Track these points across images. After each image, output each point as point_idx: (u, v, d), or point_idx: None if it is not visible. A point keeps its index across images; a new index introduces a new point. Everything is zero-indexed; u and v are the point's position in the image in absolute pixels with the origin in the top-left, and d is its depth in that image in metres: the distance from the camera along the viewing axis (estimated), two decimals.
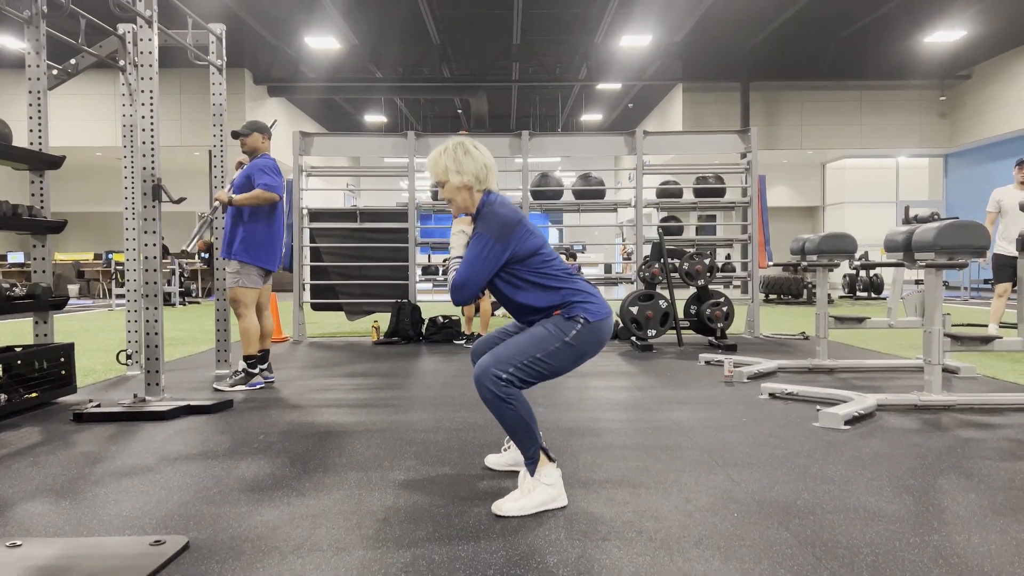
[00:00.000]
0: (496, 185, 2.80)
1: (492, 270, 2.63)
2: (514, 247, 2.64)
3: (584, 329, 2.62)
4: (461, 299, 2.66)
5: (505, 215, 2.65)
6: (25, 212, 4.45)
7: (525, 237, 2.66)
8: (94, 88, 16.63)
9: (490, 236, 2.61)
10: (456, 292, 2.64)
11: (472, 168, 2.71)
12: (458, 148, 2.73)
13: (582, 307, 2.65)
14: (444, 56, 17.75)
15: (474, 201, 2.75)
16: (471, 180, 2.71)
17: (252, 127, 5.23)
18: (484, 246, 2.61)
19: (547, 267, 2.69)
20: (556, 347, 2.59)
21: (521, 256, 2.66)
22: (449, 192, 2.75)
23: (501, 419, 2.55)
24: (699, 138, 9.33)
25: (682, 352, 6.94)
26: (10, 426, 3.95)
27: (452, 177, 2.71)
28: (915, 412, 4.17)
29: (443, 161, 2.73)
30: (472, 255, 2.62)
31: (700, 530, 2.38)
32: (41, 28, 4.61)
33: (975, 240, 4.08)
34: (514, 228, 2.64)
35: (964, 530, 2.37)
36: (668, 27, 15.39)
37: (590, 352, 2.68)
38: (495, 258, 2.61)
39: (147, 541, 2.27)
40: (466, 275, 2.61)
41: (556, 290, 2.67)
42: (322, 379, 5.54)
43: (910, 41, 16.39)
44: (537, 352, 2.57)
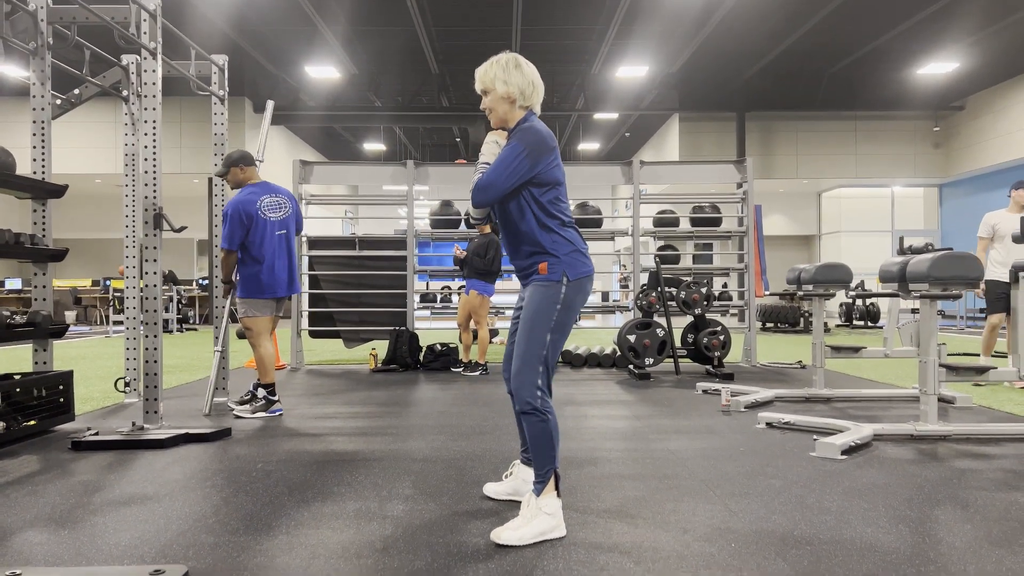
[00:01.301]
0: (539, 106, 2.84)
1: (516, 180, 2.66)
2: (541, 168, 2.69)
3: (568, 287, 2.71)
4: (482, 199, 2.69)
5: (542, 133, 2.71)
6: (27, 240, 4.48)
7: (553, 165, 2.73)
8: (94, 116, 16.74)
9: (524, 148, 2.66)
10: (479, 192, 2.68)
11: (519, 81, 2.75)
12: (510, 61, 2.77)
13: (567, 262, 2.72)
14: (443, 86, 17.93)
15: (514, 116, 2.79)
16: (516, 92, 2.75)
17: (227, 163, 5.19)
18: (517, 155, 2.65)
19: (556, 206, 2.75)
20: (555, 316, 2.69)
21: (542, 181, 2.71)
22: (492, 101, 2.78)
23: (531, 429, 2.64)
24: (696, 168, 9.42)
25: (679, 381, 6.95)
26: (8, 454, 3.94)
27: (498, 86, 2.75)
28: (911, 442, 4.18)
29: (493, 70, 2.77)
30: (502, 159, 2.67)
31: (697, 561, 2.39)
32: (46, 59, 4.68)
33: (968, 271, 4.12)
34: (547, 150, 2.70)
35: (960, 561, 2.38)
36: (664, 58, 15.59)
37: (579, 304, 2.79)
38: (523, 170, 2.66)
39: (147, 571, 2.27)
40: (492, 178, 2.66)
41: (551, 232, 2.73)
42: (320, 407, 5.55)
43: (904, 73, 16.60)
44: (545, 331, 2.67)
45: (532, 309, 2.72)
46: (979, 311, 16.62)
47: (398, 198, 9.19)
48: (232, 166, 5.17)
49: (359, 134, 23.70)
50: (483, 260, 7.34)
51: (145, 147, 4.54)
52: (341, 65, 15.73)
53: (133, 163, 5.67)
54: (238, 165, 5.18)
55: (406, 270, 8.52)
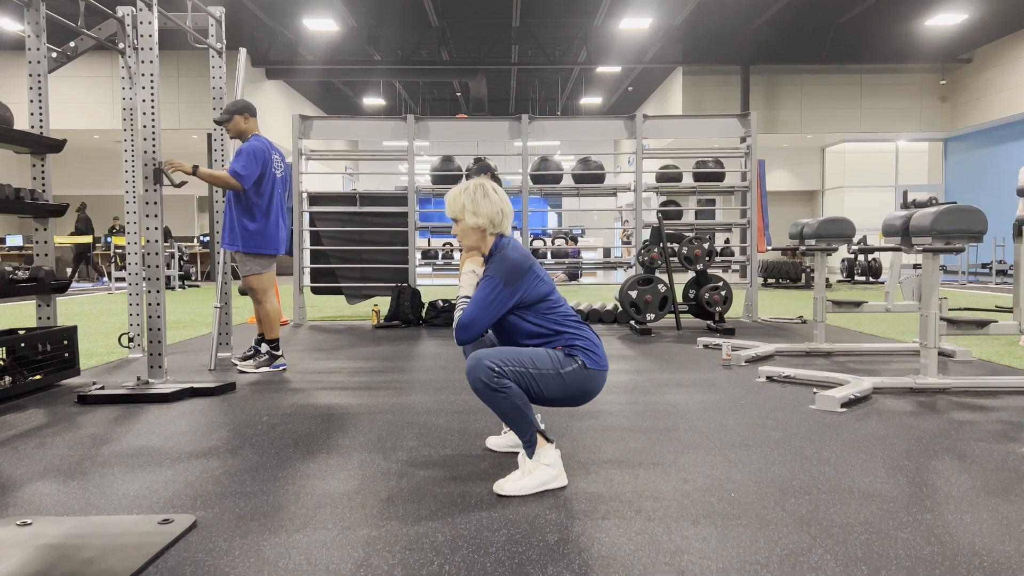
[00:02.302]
0: (510, 230, 2.82)
1: (499, 312, 2.66)
2: (523, 292, 2.67)
3: (579, 371, 2.66)
4: (465, 338, 2.68)
5: (516, 260, 2.68)
6: (27, 195, 4.46)
7: (534, 283, 2.70)
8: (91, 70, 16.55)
9: (500, 279, 2.64)
10: (461, 331, 2.66)
11: (488, 211, 2.73)
12: (478, 190, 2.75)
13: (583, 352, 2.69)
14: (443, 39, 17.68)
15: (487, 243, 2.78)
16: (485, 223, 2.74)
17: (230, 110, 5.11)
18: (493, 289, 2.64)
19: (554, 313, 2.73)
20: (548, 372, 2.62)
21: (528, 302, 2.70)
22: (462, 231, 2.77)
23: (494, 407, 2.59)
24: (699, 122, 9.33)
25: (680, 336, 6.98)
26: (15, 408, 3.99)
27: (468, 217, 2.74)
28: (911, 395, 4.22)
29: (461, 199, 2.75)
30: (480, 296, 2.65)
31: (697, 509, 2.43)
32: (41, 11, 4.62)
33: (972, 225, 4.11)
34: (524, 273, 2.68)
35: (957, 510, 2.42)
36: (668, 10, 15.33)
37: (577, 396, 2.71)
38: (503, 301, 2.65)
39: (155, 520, 2.31)
40: (473, 315, 2.64)
41: (560, 335, 2.71)
42: (323, 362, 5.58)
43: (911, 24, 16.34)
44: (530, 367, 2.60)
45: (536, 349, 2.66)
46: (981, 266, 16.62)
47: (398, 153, 9.13)
48: (236, 114, 5.09)
49: (358, 88, 23.45)
50: None
51: (143, 101, 4.50)
52: (340, 18, 15.50)
53: (131, 118, 5.62)
54: (242, 114, 5.11)
55: (407, 226, 8.50)
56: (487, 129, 9.50)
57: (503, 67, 19.23)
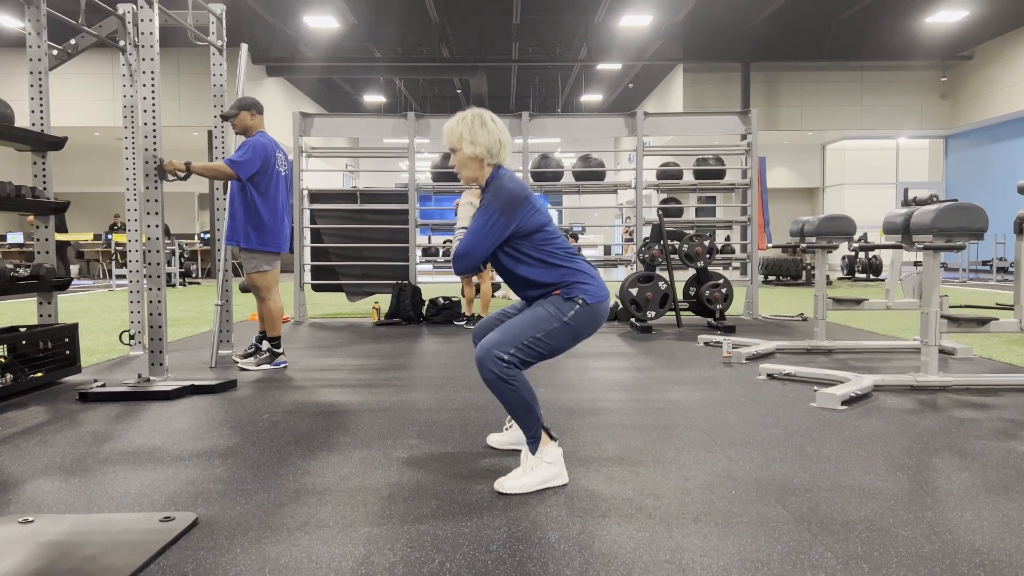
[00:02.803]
0: (507, 161, 2.83)
1: (495, 243, 2.66)
2: (519, 222, 2.66)
3: (582, 310, 2.66)
4: (462, 268, 2.70)
5: (512, 190, 2.68)
6: (28, 193, 4.47)
7: (530, 214, 2.69)
8: (92, 67, 16.53)
9: (496, 209, 2.64)
10: (458, 261, 2.69)
11: (486, 141, 2.73)
12: (476, 119, 2.75)
13: (581, 288, 2.68)
14: (443, 36, 17.66)
15: (484, 174, 2.78)
16: (483, 152, 2.73)
17: (238, 105, 5.13)
18: (489, 218, 2.64)
19: (549, 245, 2.72)
20: (555, 327, 2.62)
21: (525, 232, 2.69)
22: (460, 161, 2.77)
23: (503, 399, 2.59)
24: (700, 119, 9.33)
25: (681, 333, 6.99)
26: (16, 405, 3.99)
27: (465, 147, 2.73)
28: (911, 393, 4.22)
29: (459, 129, 2.75)
30: (476, 226, 2.66)
31: (698, 507, 2.43)
32: (42, 8, 4.61)
33: (973, 223, 4.11)
34: (520, 203, 2.67)
35: (957, 507, 2.42)
36: (669, 7, 15.30)
37: (586, 332, 2.72)
38: (499, 231, 2.64)
39: (157, 517, 2.31)
40: (469, 245, 2.65)
41: (556, 268, 2.70)
42: (324, 359, 5.59)
43: (911, 21, 16.31)
44: (536, 332, 2.60)
45: (535, 311, 2.67)
46: (982, 263, 16.61)
47: (399, 151, 9.13)
48: (243, 109, 5.11)
49: (359, 86, 23.43)
50: None
51: (144, 99, 4.50)
52: (340, 15, 15.47)
53: (132, 115, 5.62)
54: (249, 110, 5.13)
55: (408, 224, 8.50)
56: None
57: (504, 64, 19.20)
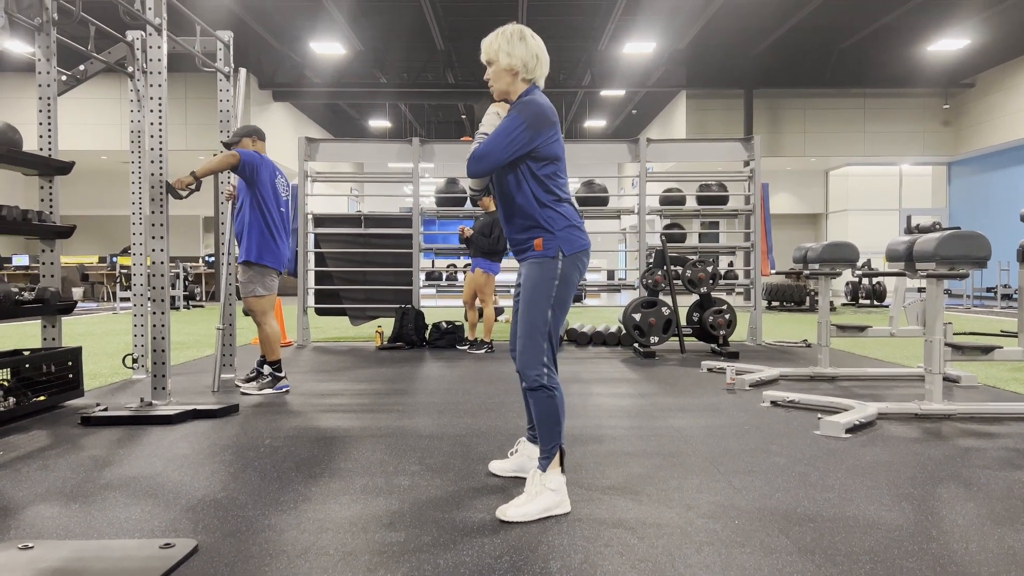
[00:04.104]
0: (542, 80, 2.82)
1: (513, 152, 2.65)
2: (540, 142, 2.67)
3: (564, 262, 2.71)
4: (477, 170, 2.68)
5: (543, 107, 2.69)
6: (34, 217, 4.49)
7: (552, 140, 2.70)
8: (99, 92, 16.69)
9: (523, 119, 2.64)
10: (474, 162, 2.68)
11: (522, 54, 2.72)
12: (515, 33, 2.75)
13: (562, 237, 2.70)
14: (448, 62, 17.82)
15: (516, 88, 2.78)
16: (518, 65, 2.73)
17: (240, 133, 5.19)
18: (516, 127, 2.63)
19: (553, 181, 2.74)
20: (552, 294, 2.69)
21: (540, 156, 2.69)
22: (495, 73, 2.77)
23: (537, 406, 2.66)
24: (703, 145, 9.37)
25: (684, 359, 6.97)
26: (19, 429, 3.99)
27: (501, 57, 2.73)
28: (916, 421, 4.19)
29: (497, 41, 2.75)
30: (500, 129, 2.65)
31: (701, 537, 2.41)
32: (52, 35, 4.67)
33: (976, 251, 4.11)
34: (546, 123, 2.68)
35: (962, 539, 2.40)
36: (672, 34, 15.44)
37: (577, 278, 2.78)
38: (520, 142, 2.64)
39: (157, 544, 2.30)
40: (489, 147, 2.64)
41: (545, 207, 2.71)
42: (326, 383, 5.58)
43: (914, 49, 16.43)
44: (544, 308, 2.68)
45: (530, 287, 2.72)
46: (986, 290, 16.57)
47: (403, 176, 9.17)
48: (245, 136, 5.17)
49: (364, 111, 23.61)
50: (488, 239, 7.33)
51: (151, 124, 4.54)
52: (346, 41, 15.64)
53: (139, 140, 5.66)
54: (251, 136, 5.19)
55: (412, 248, 8.52)
56: None
57: None
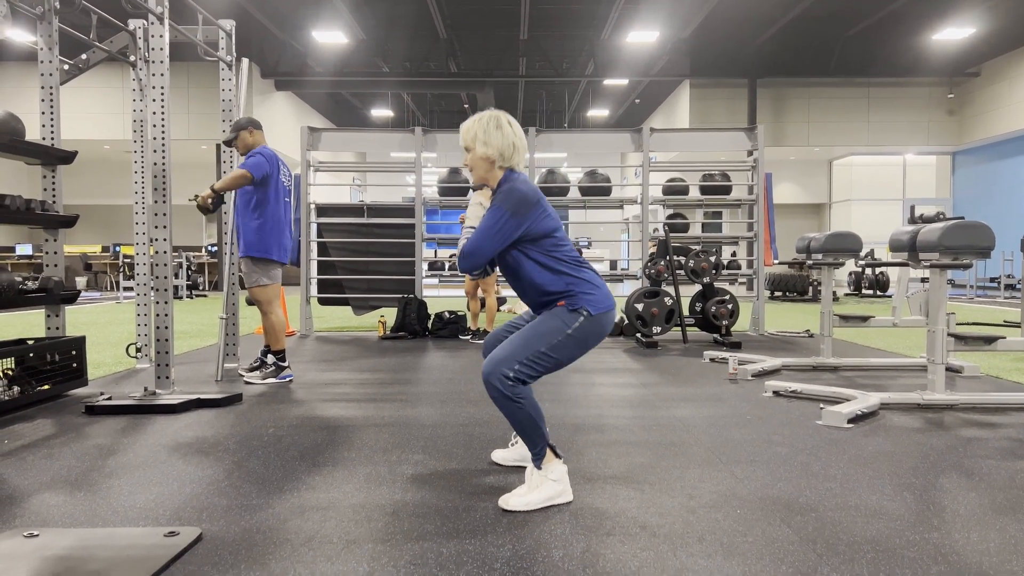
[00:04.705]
0: (521, 165, 2.82)
1: (503, 243, 2.65)
2: (528, 225, 2.66)
3: (587, 321, 2.66)
4: (467, 266, 2.69)
5: (524, 192, 2.67)
6: (38, 206, 4.50)
7: (540, 217, 2.69)
8: (101, 81, 16.67)
9: (506, 210, 2.63)
10: (464, 259, 2.68)
11: (499, 143, 2.73)
12: (491, 120, 2.76)
13: (586, 298, 2.67)
14: (451, 51, 17.76)
15: (494, 176, 2.78)
16: (495, 154, 2.73)
17: (236, 128, 5.16)
18: (499, 219, 2.63)
19: (558, 251, 2.72)
20: (560, 340, 2.62)
21: (534, 235, 2.68)
22: (472, 160, 2.78)
23: (509, 416, 2.59)
24: (706, 135, 9.34)
25: (687, 349, 6.97)
26: (23, 418, 4.00)
27: (478, 147, 2.74)
28: (918, 411, 4.20)
29: (475, 129, 2.76)
30: (486, 225, 2.65)
31: (703, 526, 2.42)
32: (53, 24, 4.66)
33: (980, 240, 4.10)
34: (531, 206, 2.66)
35: (964, 528, 2.41)
36: (676, 23, 15.37)
37: (592, 343, 2.72)
38: (508, 232, 2.64)
39: (161, 532, 2.32)
40: (477, 243, 2.64)
41: (563, 275, 2.70)
42: (330, 373, 5.59)
43: (919, 38, 16.34)
44: (542, 346, 2.60)
45: (540, 324, 2.66)
46: (989, 280, 16.55)
47: (406, 165, 9.17)
48: (241, 130, 5.15)
49: (367, 100, 23.56)
50: None
51: (153, 113, 4.54)
52: (349, 30, 15.59)
53: (141, 129, 5.66)
54: (247, 129, 5.16)
55: (414, 238, 8.52)
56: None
57: (511, 79, 19.29)
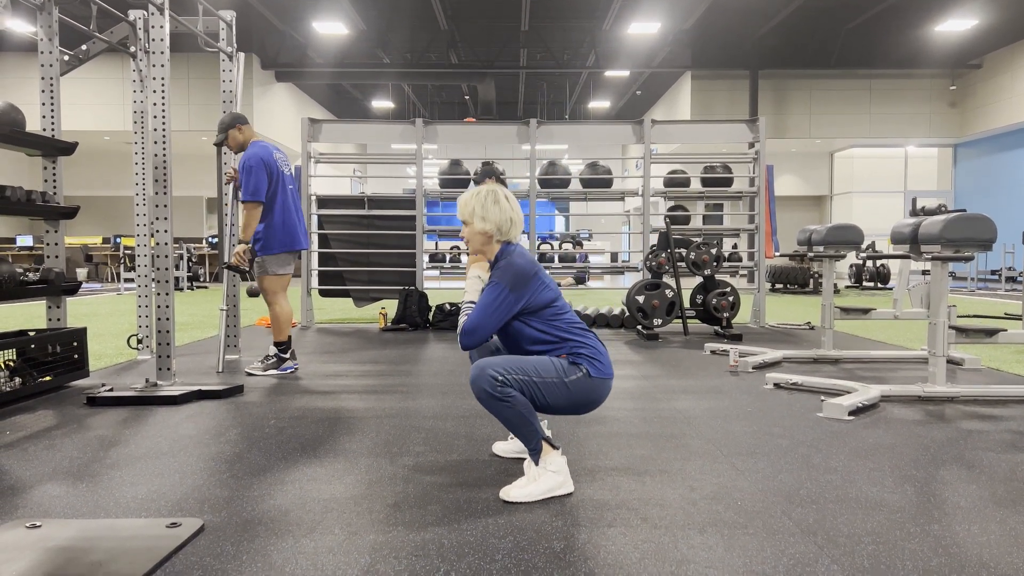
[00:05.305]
0: (517, 238, 2.85)
1: (504, 318, 2.67)
2: (528, 298, 2.68)
3: (584, 380, 2.66)
4: (470, 343, 2.69)
5: (522, 266, 2.69)
6: (39, 198, 4.49)
7: (539, 289, 2.71)
8: (102, 72, 16.63)
9: (505, 285, 2.65)
10: (466, 336, 2.67)
11: (497, 218, 2.76)
12: (489, 196, 2.78)
13: (588, 360, 2.69)
14: (452, 42, 17.71)
15: (492, 249, 2.81)
16: (492, 229, 2.76)
17: (222, 128, 5.08)
18: (499, 295, 2.65)
19: (558, 320, 2.73)
20: (553, 381, 2.62)
21: (534, 307, 2.70)
22: (470, 234, 2.80)
23: (499, 416, 2.60)
24: (707, 127, 9.32)
25: (688, 341, 6.97)
26: (25, 409, 4.01)
27: (476, 222, 2.77)
28: (919, 403, 4.20)
29: (472, 204, 2.78)
30: (486, 302, 2.66)
31: (704, 518, 2.43)
32: (54, 14, 4.65)
33: (981, 233, 4.09)
34: (529, 280, 2.68)
35: (964, 520, 2.41)
36: (677, 14, 15.32)
37: (581, 404, 2.70)
38: (508, 307, 2.66)
39: (163, 523, 2.32)
40: (478, 321, 2.65)
41: (566, 340, 2.71)
42: (331, 365, 5.60)
43: (920, 30, 16.28)
44: (534, 376, 2.60)
45: (538, 359, 2.65)
46: (990, 272, 16.53)
47: (407, 157, 9.16)
48: (229, 128, 5.07)
49: (367, 91, 23.51)
50: None
51: (154, 104, 4.53)
52: (349, 21, 15.54)
53: (142, 120, 5.65)
54: (234, 127, 5.08)
55: (415, 229, 8.52)
56: (495, 133, 9.54)
57: (512, 71, 19.24)
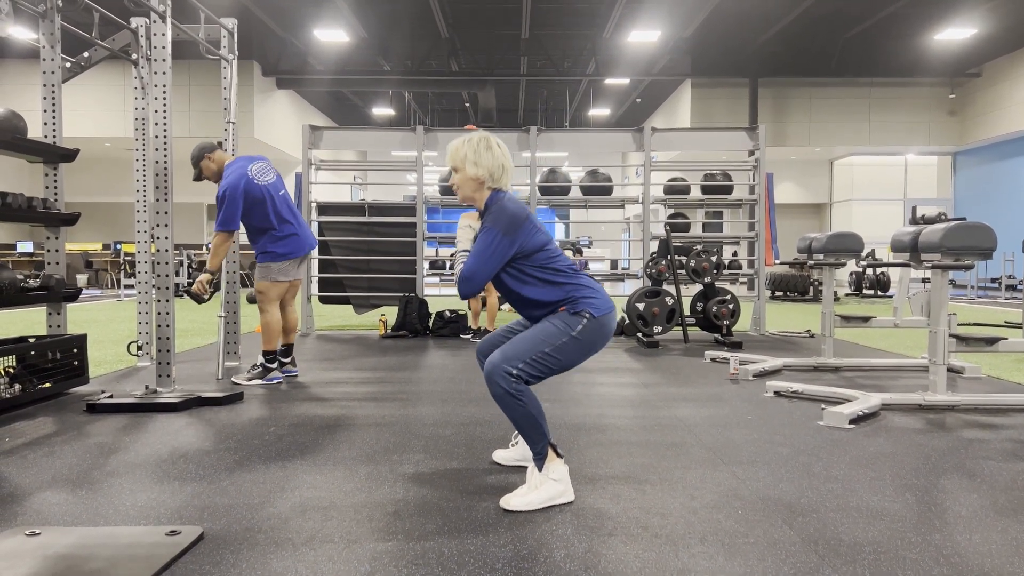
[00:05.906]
0: (508, 187, 2.84)
1: (499, 263, 2.67)
2: (521, 242, 2.67)
3: (590, 323, 2.66)
4: (468, 291, 2.70)
5: (513, 210, 2.69)
6: (39, 204, 4.49)
7: (532, 232, 2.70)
8: (103, 79, 16.66)
9: (498, 230, 2.65)
10: (464, 284, 2.69)
11: (489, 164, 2.74)
12: (481, 142, 2.77)
13: (587, 302, 2.68)
14: (452, 50, 17.75)
15: (482, 196, 2.79)
16: (484, 175, 2.75)
17: (194, 162, 4.94)
18: (492, 240, 2.64)
19: (552, 263, 2.73)
20: (564, 342, 2.62)
21: (527, 251, 2.70)
22: (460, 180, 2.79)
23: (511, 414, 2.59)
24: (707, 135, 9.33)
25: (688, 349, 6.97)
26: (24, 416, 4.01)
27: (468, 167, 2.75)
28: (919, 412, 4.20)
29: (464, 150, 2.77)
30: (480, 248, 2.66)
31: (705, 527, 2.42)
32: (56, 22, 4.66)
33: (982, 241, 4.09)
34: (522, 223, 2.68)
35: (966, 530, 2.40)
36: (677, 22, 15.36)
37: (598, 345, 2.72)
38: (503, 252, 2.65)
39: (163, 531, 2.32)
40: (474, 267, 2.65)
41: (561, 285, 2.71)
42: (331, 372, 5.59)
43: (920, 39, 16.32)
44: (546, 347, 2.61)
45: (544, 327, 2.66)
46: (990, 280, 16.54)
47: (407, 164, 9.17)
48: (199, 162, 4.93)
49: (368, 99, 23.54)
50: None
51: (155, 111, 4.53)
52: (350, 28, 15.58)
53: (143, 127, 5.65)
54: (203, 158, 4.92)
55: (415, 236, 8.52)
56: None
57: (512, 78, 19.28)
